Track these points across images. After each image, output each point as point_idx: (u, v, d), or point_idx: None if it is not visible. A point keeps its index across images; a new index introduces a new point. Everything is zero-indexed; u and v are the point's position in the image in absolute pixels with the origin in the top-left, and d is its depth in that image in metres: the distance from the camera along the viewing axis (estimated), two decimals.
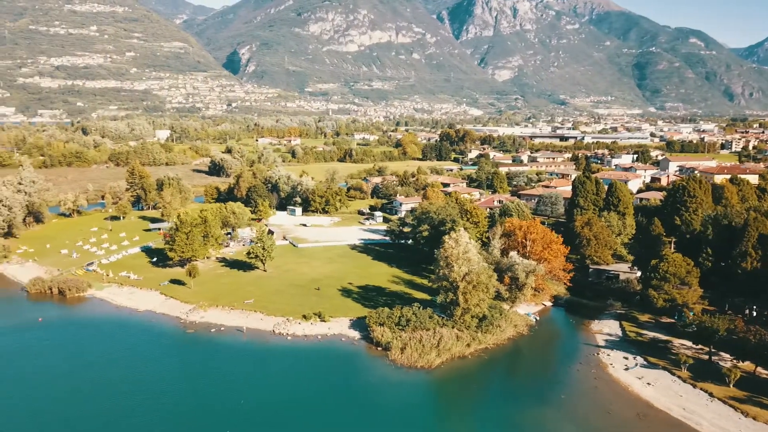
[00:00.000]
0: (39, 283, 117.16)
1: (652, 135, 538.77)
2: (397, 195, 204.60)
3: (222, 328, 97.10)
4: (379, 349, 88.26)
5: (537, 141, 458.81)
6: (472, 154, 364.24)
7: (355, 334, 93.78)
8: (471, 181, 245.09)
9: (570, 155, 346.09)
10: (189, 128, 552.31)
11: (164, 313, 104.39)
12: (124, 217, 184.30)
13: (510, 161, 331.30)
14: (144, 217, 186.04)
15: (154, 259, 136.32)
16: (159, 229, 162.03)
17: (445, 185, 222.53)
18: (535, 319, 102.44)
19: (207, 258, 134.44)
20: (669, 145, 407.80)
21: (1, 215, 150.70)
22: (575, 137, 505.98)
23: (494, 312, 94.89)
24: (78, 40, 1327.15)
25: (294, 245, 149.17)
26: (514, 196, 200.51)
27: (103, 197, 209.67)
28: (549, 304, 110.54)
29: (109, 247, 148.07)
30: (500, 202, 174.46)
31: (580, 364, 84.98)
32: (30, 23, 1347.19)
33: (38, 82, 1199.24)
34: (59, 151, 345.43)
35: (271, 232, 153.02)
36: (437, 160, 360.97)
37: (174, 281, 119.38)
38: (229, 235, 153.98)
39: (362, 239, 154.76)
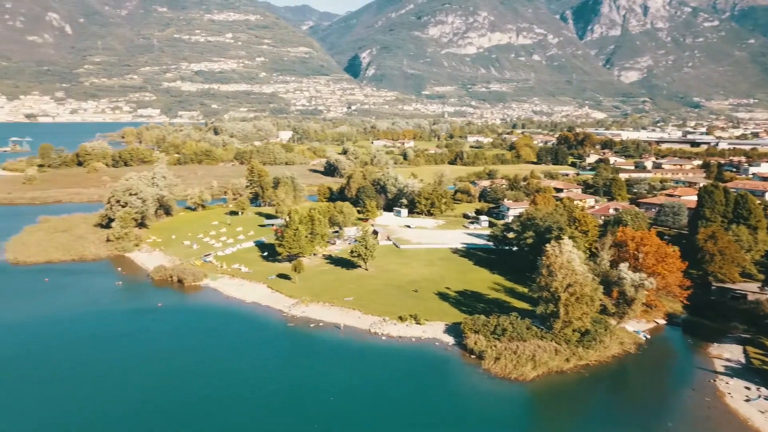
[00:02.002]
0: (162, 271, 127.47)
1: None
2: (505, 199, 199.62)
3: (321, 324, 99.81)
4: (473, 357, 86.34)
5: (664, 146, 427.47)
6: (591, 159, 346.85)
7: (449, 340, 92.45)
8: (587, 187, 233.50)
9: (700, 162, 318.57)
10: (309, 130, 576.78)
11: (269, 305, 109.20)
12: (242, 213, 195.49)
13: (632, 167, 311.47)
14: (260, 213, 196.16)
15: (265, 254, 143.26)
16: (272, 225, 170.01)
17: (558, 190, 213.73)
18: (645, 337, 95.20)
19: (313, 255, 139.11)
20: None
21: (135, 207, 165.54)
22: (708, 143, 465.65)
23: (598, 327, 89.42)
24: (215, 47, 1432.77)
25: (397, 246, 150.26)
26: (633, 204, 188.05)
27: (225, 193, 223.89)
28: (662, 322, 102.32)
29: (226, 241, 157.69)
30: (616, 210, 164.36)
31: (693, 391, 77.81)
32: (175, 32, 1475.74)
33: (180, 86, 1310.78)
34: (192, 149, 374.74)
35: (375, 233, 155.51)
36: (553, 164, 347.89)
37: (281, 275, 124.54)
38: (336, 234, 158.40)
39: (465, 243, 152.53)
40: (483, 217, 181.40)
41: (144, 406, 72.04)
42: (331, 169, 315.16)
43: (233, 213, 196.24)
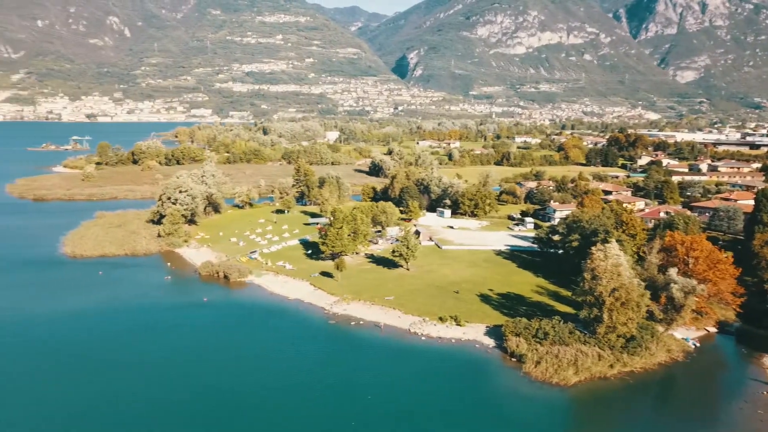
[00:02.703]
0: (209, 266, 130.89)
1: None
2: (552, 201, 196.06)
3: (361, 322, 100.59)
4: (513, 360, 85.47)
5: (721, 148, 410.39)
6: (642, 161, 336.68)
7: (490, 342, 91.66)
8: (637, 190, 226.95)
9: (759, 165, 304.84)
10: (356, 130, 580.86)
11: (311, 302, 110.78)
12: (288, 211, 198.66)
13: (686, 170, 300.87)
14: (305, 212, 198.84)
15: (309, 252, 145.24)
16: (316, 223, 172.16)
17: (607, 193, 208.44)
18: (694, 345, 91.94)
19: (356, 253, 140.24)
20: None
21: (185, 204, 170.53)
22: None
23: (644, 333, 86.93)
24: (266, 49, 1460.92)
25: (439, 247, 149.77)
26: (686, 208, 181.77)
27: (272, 192, 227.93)
28: (713, 330, 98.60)
29: (272, 238, 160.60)
30: (667, 213, 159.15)
31: (745, 403, 74.82)
32: (227, 34, 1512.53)
33: (231, 86, 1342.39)
34: (241, 149, 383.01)
35: (417, 233, 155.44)
36: (602, 165, 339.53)
37: (323, 273, 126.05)
38: (378, 233, 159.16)
39: (509, 245, 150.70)
40: (528, 219, 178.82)
41: (187, 395, 74.39)
42: (375, 169, 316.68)
43: (279, 211, 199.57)
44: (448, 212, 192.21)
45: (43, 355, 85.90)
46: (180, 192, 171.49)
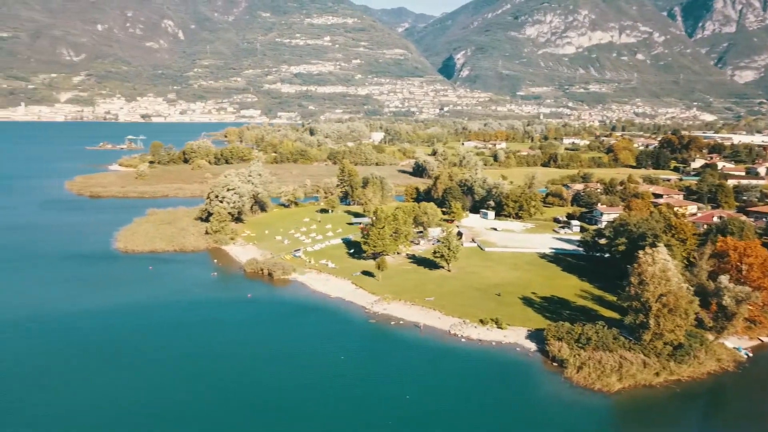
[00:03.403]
0: (254, 264, 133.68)
1: None
2: (599, 204, 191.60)
3: (401, 322, 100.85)
4: (555, 364, 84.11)
5: None
6: (696, 164, 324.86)
7: (531, 346, 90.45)
8: (690, 193, 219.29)
9: None
10: (401, 131, 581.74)
11: (352, 301, 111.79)
12: (332, 211, 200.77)
13: (742, 173, 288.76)
14: (349, 212, 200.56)
15: (351, 251, 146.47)
16: (359, 223, 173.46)
17: (657, 196, 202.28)
18: (747, 355, 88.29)
19: (397, 253, 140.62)
20: None
21: (232, 202, 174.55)
22: None
23: (693, 341, 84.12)
24: (314, 50, 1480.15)
25: (481, 248, 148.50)
26: (741, 213, 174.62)
27: (317, 191, 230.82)
28: None
29: (315, 237, 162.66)
30: (720, 218, 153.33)
31: None
32: (277, 36, 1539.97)
33: (279, 87, 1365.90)
34: (288, 149, 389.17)
35: (460, 234, 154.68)
36: (653, 168, 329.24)
37: (365, 272, 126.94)
38: (420, 234, 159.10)
39: (554, 248, 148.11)
40: (574, 222, 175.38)
41: (231, 391, 76.20)
42: (419, 170, 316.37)
43: (324, 211, 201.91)
44: (491, 214, 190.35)
45: (96, 349, 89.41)
46: (227, 190, 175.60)
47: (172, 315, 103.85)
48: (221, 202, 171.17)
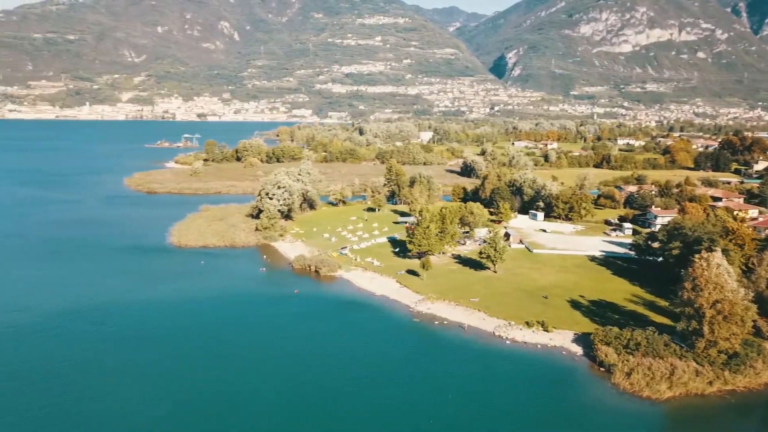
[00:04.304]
0: (301, 260, 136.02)
1: None
2: (653, 206, 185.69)
3: (445, 322, 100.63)
4: (602, 369, 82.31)
5: None
6: (759, 166, 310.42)
7: (578, 350, 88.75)
8: (751, 197, 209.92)
9: None
10: (450, 130, 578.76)
11: (396, 300, 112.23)
12: (378, 210, 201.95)
13: None
14: (395, 211, 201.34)
15: (397, 250, 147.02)
16: (405, 222, 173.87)
17: (716, 199, 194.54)
18: None
19: (442, 253, 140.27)
20: None
21: (282, 200, 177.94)
22: None
23: (750, 350, 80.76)
24: (365, 50, 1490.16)
25: (529, 250, 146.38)
26: None
27: (365, 190, 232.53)
28: None
29: (362, 235, 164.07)
30: None
31: None
32: (328, 37, 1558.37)
33: (330, 87, 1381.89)
34: (337, 148, 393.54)
35: (507, 235, 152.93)
36: (713, 170, 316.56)
37: (409, 271, 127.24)
38: (466, 234, 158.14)
39: (604, 251, 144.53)
40: (626, 225, 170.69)
41: (276, 383, 78.04)
42: (467, 170, 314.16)
43: (371, 209, 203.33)
44: (540, 215, 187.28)
45: (154, 339, 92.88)
46: (278, 188, 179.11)
47: (223, 308, 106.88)
48: (271, 199, 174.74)
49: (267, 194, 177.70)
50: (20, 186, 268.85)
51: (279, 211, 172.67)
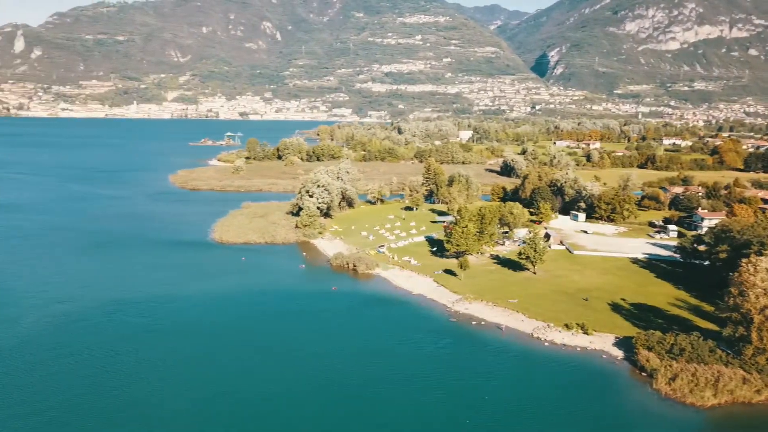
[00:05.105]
0: (340, 257, 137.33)
1: None
2: (700, 208, 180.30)
3: (482, 323, 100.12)
4: (643, 374, 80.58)
5: None
6: None
7: (618, 354, 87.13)
8: None
9: None
10: (490, 129, 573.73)
11: (433, 299, 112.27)
12: (416, 209, 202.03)
13: None
14: (433, 210, 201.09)
15: (434, 249, 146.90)
16: (443, 221, 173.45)
17: (767, 202, 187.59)
18: None
19: (480, 253, 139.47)
20: None
21: (321, 198, 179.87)
22: None
23: None
24: (405, 49, 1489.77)
25: (570, 251, 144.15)
26: None
27: (403, 189, 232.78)
28: None
29: (399, 234, 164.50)
30: None
31: None
32: (369, 36, 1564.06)
33: (370, 87, 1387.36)
34: (376, 147, 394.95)
35: (547, 236, 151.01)
36: (764, 172, 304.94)
37: (447, 271, 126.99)
38: (505, 234, 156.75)
39: (647, 254, 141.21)
40: (672, 227, 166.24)
41: (314, 377, 79.13)
42: (507, 169, 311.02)
43: (408, 208, 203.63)
44: (582, 216, 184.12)
45: (198, 332, 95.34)
46: (317, 187, 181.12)
47: (263, 303, 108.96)
48: (311, 197, 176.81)
49: (307, 192, 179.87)
50: (71, 182, 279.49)
51: (318, 208, 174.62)
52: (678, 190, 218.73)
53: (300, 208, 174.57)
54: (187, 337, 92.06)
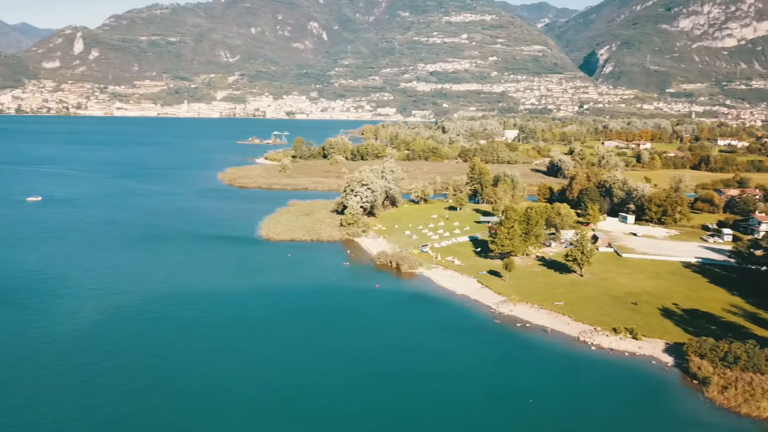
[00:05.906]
0: (383, 256, 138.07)
1: None
2: (757, 212, 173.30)
3: (527, 325, 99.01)
4: (695, 382, 78.31)
5: None
6: None
7: (668, 360, 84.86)
8: None
9: None
10: (536, 129, 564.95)
11: (477, 300, 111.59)
12: (460, 208, 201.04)
13: None
14: (477, 210, 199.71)
15: (478, 249, 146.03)
16: (488, 222, 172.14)
17: None
18: None
19: (526, 255, 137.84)
20: None
21: (365, 197, 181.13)
22: None
23: None
24: (450, 48, 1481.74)
25: (618, 254, 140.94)
26: None
27: (446, 189, 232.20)
28: None
29: (443, 234, 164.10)
30: None
31: None
32: (414, 35, 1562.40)
33: (415, 86, 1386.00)
34: (420, 146, 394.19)
35: (595, 238, 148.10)
36: None
37: (491, 272, 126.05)
38: (551, 236, 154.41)
39: (700, 258, 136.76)
40: (726, 231, 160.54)
41: (358, 373, 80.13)
42: (554, 170, 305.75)
43: (452, 208, 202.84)
44: (631, 218, 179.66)
45: (248, 326, 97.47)
46: (362, 186, 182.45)
47: (307, 301, 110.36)
48: (356, 196, 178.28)
49: (352, 191, 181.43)
50: (125, 178, 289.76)
51: (362, 207, 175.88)
52: (733, 192, 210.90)
53: (344, 207, 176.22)
54: (236, 331, 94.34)
